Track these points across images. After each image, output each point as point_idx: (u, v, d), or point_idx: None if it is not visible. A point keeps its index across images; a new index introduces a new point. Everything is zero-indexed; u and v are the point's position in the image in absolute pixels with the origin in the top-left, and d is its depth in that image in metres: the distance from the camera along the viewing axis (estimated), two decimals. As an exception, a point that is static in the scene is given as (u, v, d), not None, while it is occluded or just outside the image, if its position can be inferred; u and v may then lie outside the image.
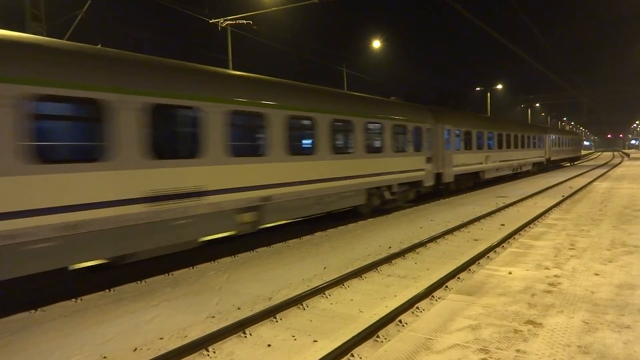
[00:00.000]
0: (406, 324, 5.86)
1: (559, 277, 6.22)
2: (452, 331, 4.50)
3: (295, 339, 5.62)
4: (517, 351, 4.02)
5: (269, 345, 5.47)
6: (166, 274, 8.51)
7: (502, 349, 4.07)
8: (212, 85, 8.96)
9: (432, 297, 6.95)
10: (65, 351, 5.41)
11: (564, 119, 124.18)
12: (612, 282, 5.93)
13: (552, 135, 38.86)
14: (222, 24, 19.78)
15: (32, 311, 6.70)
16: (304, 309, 6.63)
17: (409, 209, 16.67)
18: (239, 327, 5.77)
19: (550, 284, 5.90)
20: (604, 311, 4.90)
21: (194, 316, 6.44)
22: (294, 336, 5.70)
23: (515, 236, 11.10)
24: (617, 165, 42.79)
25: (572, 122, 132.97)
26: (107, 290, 7.63)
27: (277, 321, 6.18)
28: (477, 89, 54.46)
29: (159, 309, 6.77)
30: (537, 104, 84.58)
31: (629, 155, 78.79)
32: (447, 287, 7.43)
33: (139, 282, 8.06)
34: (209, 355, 5.23)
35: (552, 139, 38.37)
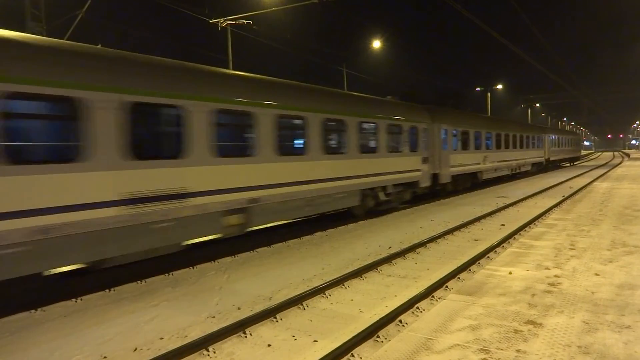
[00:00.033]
0: (406, 324, 5.86)
1: (559, 277, 6.22)
2: (452, 331, 4.50)
3: (295, 339, 5.62)
4: (518, 351, 4.02)
5: (269, 345, 5.47)
6: (166, 274, 8.51)
7: (502, 349, 4.07)
8: (196, 83, 8.61)
9: (433, 297, 6.95)
10: (65, 351, 5.41)
11: (564, 119, 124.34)
12: (612, 282, 5.93)
13: (551, 135, 38.66)
14: (222, 24, 19.79)
15: (32, 311, 6.70)
16: (304, 309, 6.63)
17: (409, 209, 16.67)
18: (239, 327, 5.77)
19: (550, 284, 5.90)
20: (604, 311, 4.91)
21: (194, 316, 6.44)
22: (294, 336, 5.71)
23: (515, 236, 11.10)
24: (617, 165, 42.80)
25: (572, 122, 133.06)
26: (107, 290, 7.63)
27: (277, 321, 6.18)
28: (477, 89, 54.52)
29: (159, 309, 6.77)
30: (537, 104, 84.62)
31: (629, 155, 78.77)
32: (447, 287, 7.43)
33: (139, 282, 8.06)
34: (209, 355, 5.23)
35: (551, 139, 38.19)
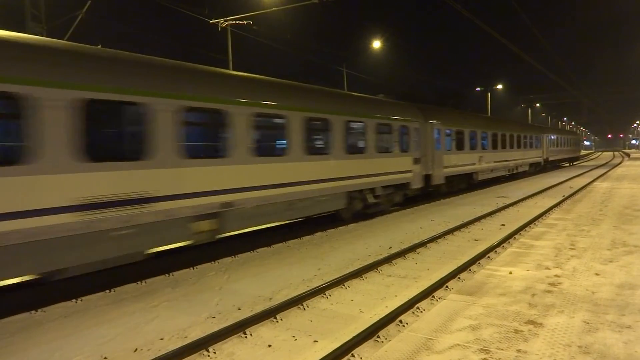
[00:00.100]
0: (407, 324, 5.86)
1: (559, 277, 6.22)
2: (452, 331, 4.50)
3: (295, 339, 5.62)
4: (518, 351, 4.02)
5: (270, 345, 5.47)
6: (166, 275, 8.51)
7: (502, 349, 4.07)
8: (161, 78, 7.99)
9: (433, 297, 6.95)
10: (65, 352, 5.41)
11: (564, 118, 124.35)
12: (612, 282, 5.93)
13: (550, 135, 38.43)
14: (222, 24, 19.81)
15: (33, 312, 6.69)
16: (305, 309, 6.63)
17: (409, 209, 16.67)
18: (239, 328, 5.77)
19: (550, 284, 5.90)
20: (604, 311, 4.91)
21: (194, 316, 6.44)
22: (294, 336, 5.71)
23: (515, 236, 11.10)
24: (617, 165, 42.81)
25: (573, 122, 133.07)
26: (107, 290, 7.63)
27: (277, 321, 6.18)
28: (477, 89, 54.55)
29: (159, 309, 6.77)
30: (537, 104, 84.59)
31: (629, 155, 78.79)
32: (447, 287, 7.43)
33: (139, 282, 8.06)
34: (209, 355, 5.23)
35: (550, 139, 37.98)
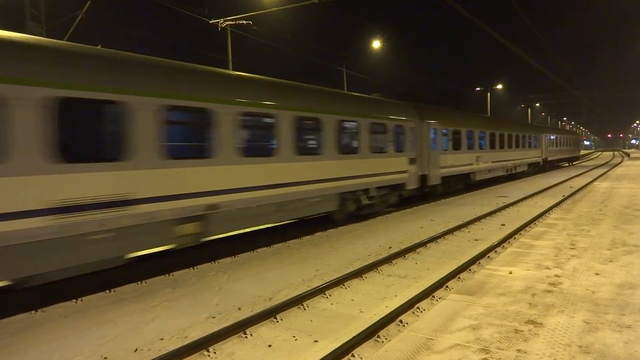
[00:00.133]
0: (407, 324, 5.86)
1: (559, 276, 6.22)
2: (452, 331, 4.50)
3: (295, 339, 5.62)
4: (518, 351, 4.02)
5: (270, 345, 5.47)
6: (166, 275, 8.51)
7: (502, 349, 4.07)
8: (140, 76, 7.69)
9: (433, 297, 6.95)
10: (65, 352, 5.41)
11: (564, 118, 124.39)
12: (612, 281, 5.93)
13: (549, 134, 38.25)
14: (222, 24, 19.81)
15: (33, 312, 6.69)
16: (305, 309, 6.63)
17: (409, 209, 16.67)
18: (239, 328, 5.77)
19: (550, 284, 5.90)
20: (604, 311, 4.91)
21: (194, 317, 6.44)
22: (294, 336, 5.71)
23: (515, 236, 11.09)
24: (617, 165, 42.81)
25: (573, 122, 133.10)
26: (107, 291, 7.63)
27: (277, 321, 6.17)
28: (477, 89, 54.55)
29: (160, 309, 6.77)
30: (537, 104, 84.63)
31: (629, 154, 78.80)
32: (447, 287, 7.43)
33: (139, 282, 8.06)
34: (209, 355, 5.23)
35: (549, 139, 37.82)
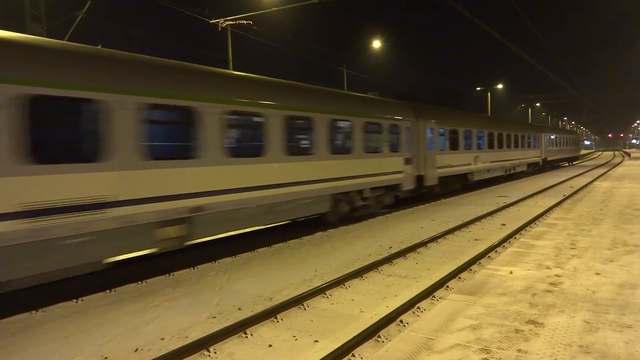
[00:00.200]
0: (407, 323, 5.86)
1: (560, 276, 6.22)
2: (453, 331, 4.50)
3: (296, 339, 5.62)
4: (519, 351, 4.02)
5: (270, 345, 5.47)
6: (167, 275, 8.51)
7: (503, 349, 4.06)
8: (119, 73, 7.41)
9: (433, 297, 6.95)
10: (66, 352, 5.41)
11: (564, 118, 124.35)
12: (613, 281, 5.93)
13: (548, 134, 38.04)
14: (222, 24, 19.81)
15: (33, 312, 6.69)
16: (305, 309, 6.63)
17: (409, 209, 16.67)
18: (239, 328, 5.77)
19: (551, 284, 5.90)
20: (605, 311, 4.90)
21: (194, 317, 6.44)
22: (295, 336, 5.70)
23: (516, 236, 11.09)
24: (617, 164, 42.80)
25: (573, 122, 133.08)
26: (107, 290, 7.63)
27: (278, 321, 6.17)
28: (477, 89, 54.51)
29: (160, 309, 6.77)
30: (537, 104, 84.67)
31: (629, 154, 78.77)
32: (448, 286, 7.42)
33: (139, 282, 8.06)
34: (209, 355, 5.23)
35: (548, 139, 37.66)
